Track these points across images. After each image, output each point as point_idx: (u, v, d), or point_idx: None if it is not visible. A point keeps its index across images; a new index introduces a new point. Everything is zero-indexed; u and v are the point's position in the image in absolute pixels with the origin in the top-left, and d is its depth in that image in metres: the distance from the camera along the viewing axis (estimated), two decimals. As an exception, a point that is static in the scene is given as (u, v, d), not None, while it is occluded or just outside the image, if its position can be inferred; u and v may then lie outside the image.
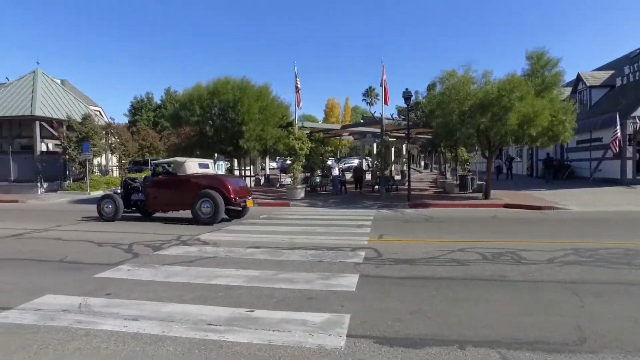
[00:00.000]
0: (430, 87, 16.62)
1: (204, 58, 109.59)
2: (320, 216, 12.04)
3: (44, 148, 23.96)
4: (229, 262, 6.13)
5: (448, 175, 25.49)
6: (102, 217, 10.98)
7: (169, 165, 11.87)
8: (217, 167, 25.65)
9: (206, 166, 12.33)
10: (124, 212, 11.48)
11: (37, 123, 22.46)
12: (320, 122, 45.11)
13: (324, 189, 21.43)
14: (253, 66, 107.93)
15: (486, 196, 15.63)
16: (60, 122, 22.75)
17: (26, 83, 24.63)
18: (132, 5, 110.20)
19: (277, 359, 3.03)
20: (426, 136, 25.66)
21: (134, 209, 11.85)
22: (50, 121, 22.68)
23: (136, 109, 54.04)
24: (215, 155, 21.77)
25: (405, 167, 29.20)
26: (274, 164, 40.25)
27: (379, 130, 20.30)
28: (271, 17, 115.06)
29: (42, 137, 23.25)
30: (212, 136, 16.32)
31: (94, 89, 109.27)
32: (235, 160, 19.07)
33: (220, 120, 16.57)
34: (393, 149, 28.23)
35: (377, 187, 20.83)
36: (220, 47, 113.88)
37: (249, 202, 11.45)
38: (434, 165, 49.06)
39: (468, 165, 21.82)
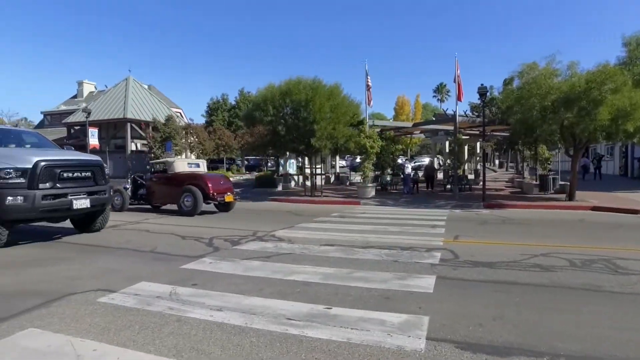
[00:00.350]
0: (507, 81, 15.63)
1: (276, 59, 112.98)
2: (391, 215, 11.91)
3: (133, 147, 26.17)
4: (304, 258, 6.28)
5: (526, 174, 23.94)
6: (112, 208, 12.16)
7: (163, 165, 13.81)
8: (289, 166, 26.44)
9: (197, 165, 14.00)
10: (131, 204, 13.66)
11: (129, 125, 24.63)
12: (390, 120, 44.47)
13: (395, 188, 21.13)
14: (324, 66, 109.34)
15: (570, 197, 14.45)
16: (147, 124, 24.70)
17: (120, 89, 27.09)
18: (209, 14, 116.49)
19: (357, 358, 3.06)
20: (502, 133, 24.30)
21: (141, 201, 13.75)
22: (139, 123, 24.73)
23: (212, 110, 57.01)
24: (287, 153, 22.34)
25: (479, 166, 27.95)
26: (343, 163, 40.44)
27: (451, 127, 19.59)
28: (343, 17, 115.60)
29: (132, 138, 25.46)
30: (285, 135, 16.75)
31: (176, 92, 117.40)
32: (307, 159, 19.42)
33: (292, 119, 16.95)
34: (466, 147, 27.09)
35: (449, 186, 20.15)
36: (291, 48, 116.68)
37: (228, 197, 12.45)
38: (509, 164, 46.37)
39: (549, 164, 20.34)
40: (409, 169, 19.79)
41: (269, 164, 38.58)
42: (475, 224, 10.28)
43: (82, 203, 7.63)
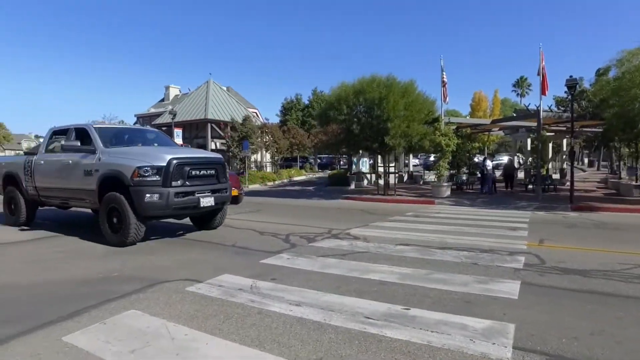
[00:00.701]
0: (602, 71, 14.24)
1: (349, 58, 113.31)
2: (469, 216, 11.42)
3: (213, 146, 27.72)
4: (380, 257, 6.23)
5: (623, 174, 21.66)
6: None
7: None
8: (361, 164, 26.39)
9: None
10: None
11: (209, 125, 26.13)
12: (466, 117, 42.57)
13: (471, 187, 20.23)
14: (397, 63, 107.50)
15: (681, 201, 12.83)
16: (226, 124, 26.02)
17: (201, 91, 28.85)
18: (284, 17, 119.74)
19: (439, 361, 2.98)
20: (593, 129, 22.17)
21: None
22: (218, 123, 26.13)
23: (286, 110, 58.54)
24: (360, 152, 22.28)
25: (565, 165, 25.81)
26: (416, 161, 39.52)
27: (534, 124, 18.27)
28: (416, 11, 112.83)
29: (212, 137, 26.97)
30: (358, 134, 16.70)
31: (252, 93, 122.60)
32: (380, 157, 19.23)
33: (365, 117, 16.86)
34: (551, 145, 25.15)
35: (531, 186, 18.87)
36: (364, 46, 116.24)
37: (233, 192, 12.79)
38: (602, 163, 42.25)
39: (653, 162, 18.24)
40: (490, 167, 18.77)
41: (342, 162, 38.80)
42: (562, 227, 9.52)
43: (207, 201, 7.62)
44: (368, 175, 24.51)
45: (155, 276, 5.25)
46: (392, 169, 20.49)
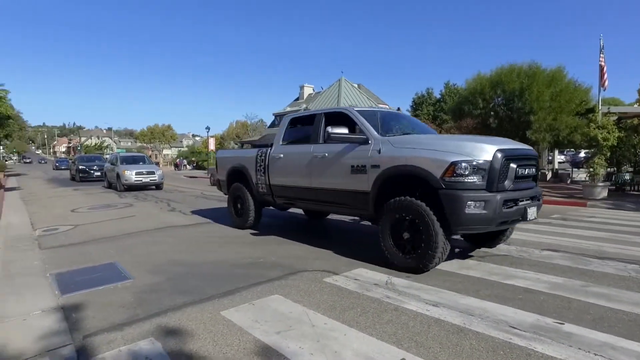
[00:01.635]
0: None
1: (484, 47, 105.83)
2: (633, 222, 9.73)
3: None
4: (523, 262, 5.70)
5: None
6: None
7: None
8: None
9: None
10: None
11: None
12: (634, 105, 36.32)
13: (636, 189, 17.25)
14: (542, 48, 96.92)
15: None
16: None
17: (333, 90, 29.92)
18: (409, 12, 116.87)
19: (605, 388, 2.61)
20: None
21: None
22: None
23: (417, 104, 57.33)
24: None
25: None
26: (562, 157, 35.19)
27: None
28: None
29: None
30: (496, 128, 15.57)
31: (383, 89, 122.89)
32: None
33: (504, 111, 15.64)
34: None
35: None
36: (500, 34, 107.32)
37: None
38: None
39: None
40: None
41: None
42: None
43: (532, 212, 5.34)
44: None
45: (295, 265, 5.62)
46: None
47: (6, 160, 63.40)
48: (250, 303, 4.19)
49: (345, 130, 5.91)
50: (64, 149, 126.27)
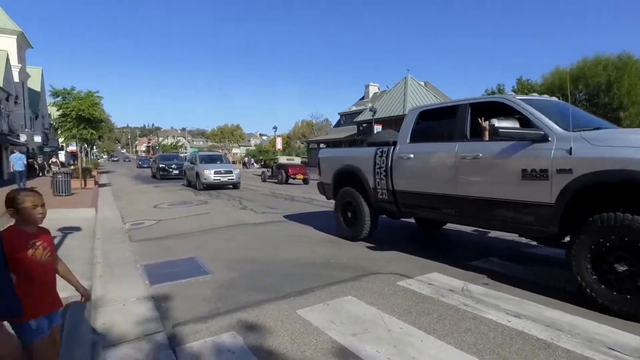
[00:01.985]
0: None
1: (563, 38, 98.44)
2: None
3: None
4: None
5: None
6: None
7: (277, 159, 25.45)
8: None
9: (292, 159, 25.81)
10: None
11: (406, 120, 26.58)
12: None
13: None
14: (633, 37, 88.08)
15: None
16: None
17: (399, 88, 29.46)
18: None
19: None
20: None
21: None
22: (416, 118, 26.31)
23: (487, 102, 54.55)
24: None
25: None
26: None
27: None
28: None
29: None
30: (579, 126, 14.43)
31: (450, 86, 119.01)
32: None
33: (587, 107, 14.43)
34: None
35: None
36: (578, 25, 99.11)
37: (299, 176, 22.87)
38: None
39: None
40: None
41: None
42: None
43: None
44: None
45: (367, 267, 5.61)
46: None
47: (98, 159, 69.58)
48: (325, 303, 4.25)
49: (516, 125, 5.05)
50: (144, 148, 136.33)
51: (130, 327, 3.65)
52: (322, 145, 42.49)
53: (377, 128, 25.61)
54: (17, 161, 18.56)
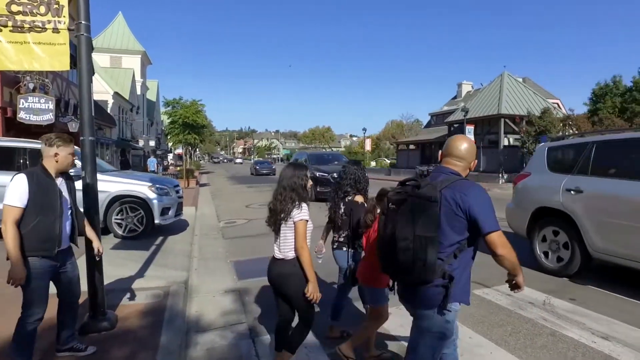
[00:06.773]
0: None
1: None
2: None
3: (506, 143, 26.32)
4: None
5: None
6: None
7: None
8: None
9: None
10: None
11: (502, 120, 24.94)
12: None
13: None
14: None
15: None
16: (521, 118, 24.23)
17: (494, 86, 27.82)
18: None
19: None
20: None
21: None
22: (512, 118, 24.59)
23: (598, 97, 48.94)
24: None
25: None
26: None
27: None
28: None
29: (505, 133, 25.64)
30: None
31: (553, 82, 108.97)
32: None
33: None
34: None
35: None
36: None
37: None
38: None
39: None
40: None
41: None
42: None
43: None
44: None
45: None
46: None
47: (200, 161, 75.81)
48: (397, 307, 4.33)
49: None
50: (240, 150, 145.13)
51: (218, 317, 4.12)
52: (411, 146, 41.62)
53: (469, 128, 24.46)
54: (151, 164, 28.07)
